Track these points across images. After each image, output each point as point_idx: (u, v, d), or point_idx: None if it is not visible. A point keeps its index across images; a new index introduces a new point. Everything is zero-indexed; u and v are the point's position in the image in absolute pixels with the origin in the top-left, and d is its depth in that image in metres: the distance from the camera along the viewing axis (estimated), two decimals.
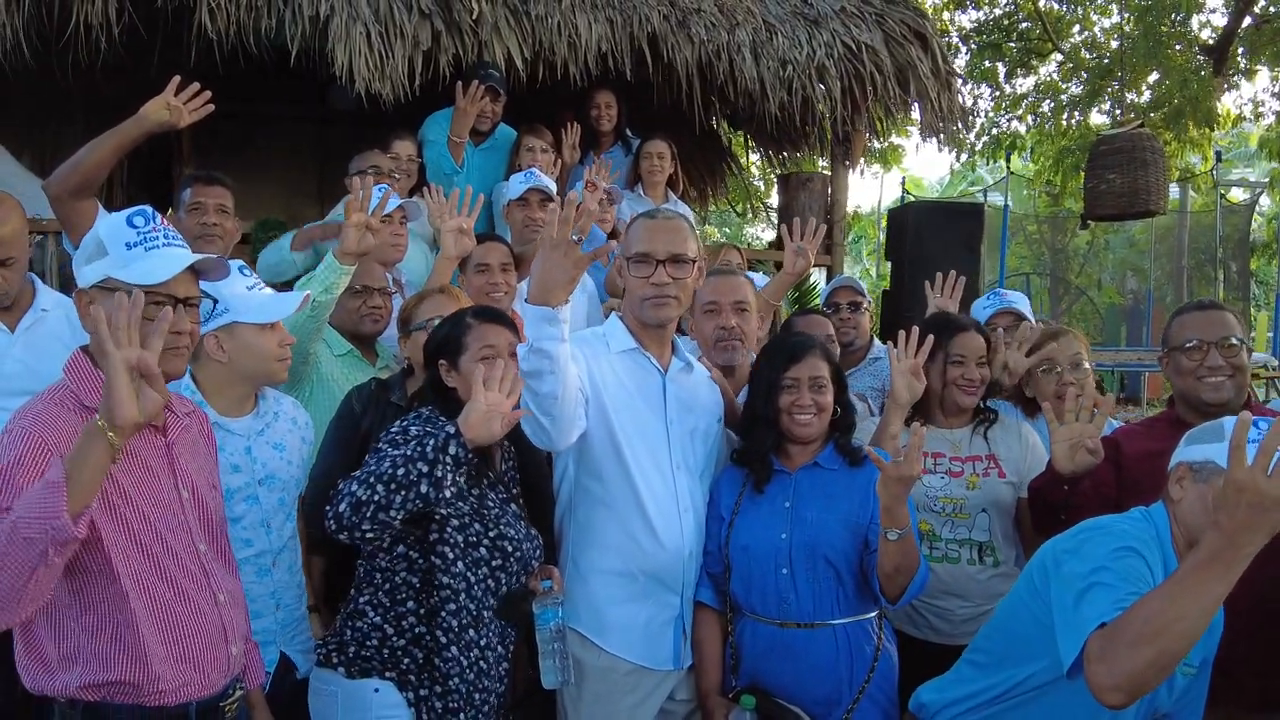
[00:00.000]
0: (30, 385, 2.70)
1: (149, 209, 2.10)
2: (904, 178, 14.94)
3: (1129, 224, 14.56)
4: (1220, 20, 12.71)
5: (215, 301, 2.48)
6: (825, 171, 7.57)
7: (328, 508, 2.28)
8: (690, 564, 2.66)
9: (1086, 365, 3.32)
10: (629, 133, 5.94)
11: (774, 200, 16.69)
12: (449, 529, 2.41)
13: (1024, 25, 13.85)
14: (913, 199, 13.18)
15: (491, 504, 2.51)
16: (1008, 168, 14.66)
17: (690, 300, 2.88)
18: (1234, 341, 2.72)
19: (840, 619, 2.57)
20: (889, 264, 6.71)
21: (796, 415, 2.63)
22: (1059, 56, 13.44)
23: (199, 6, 4.58)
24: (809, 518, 2.62)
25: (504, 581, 2.50)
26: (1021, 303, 4.17)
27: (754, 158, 10.23)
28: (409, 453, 2.26)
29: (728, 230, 19.96)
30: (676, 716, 2.65)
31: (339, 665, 2.34)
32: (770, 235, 19.73)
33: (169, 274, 1.98)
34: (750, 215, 16.58)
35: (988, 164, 17.63)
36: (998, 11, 14.13)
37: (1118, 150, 7.03)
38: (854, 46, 6.22)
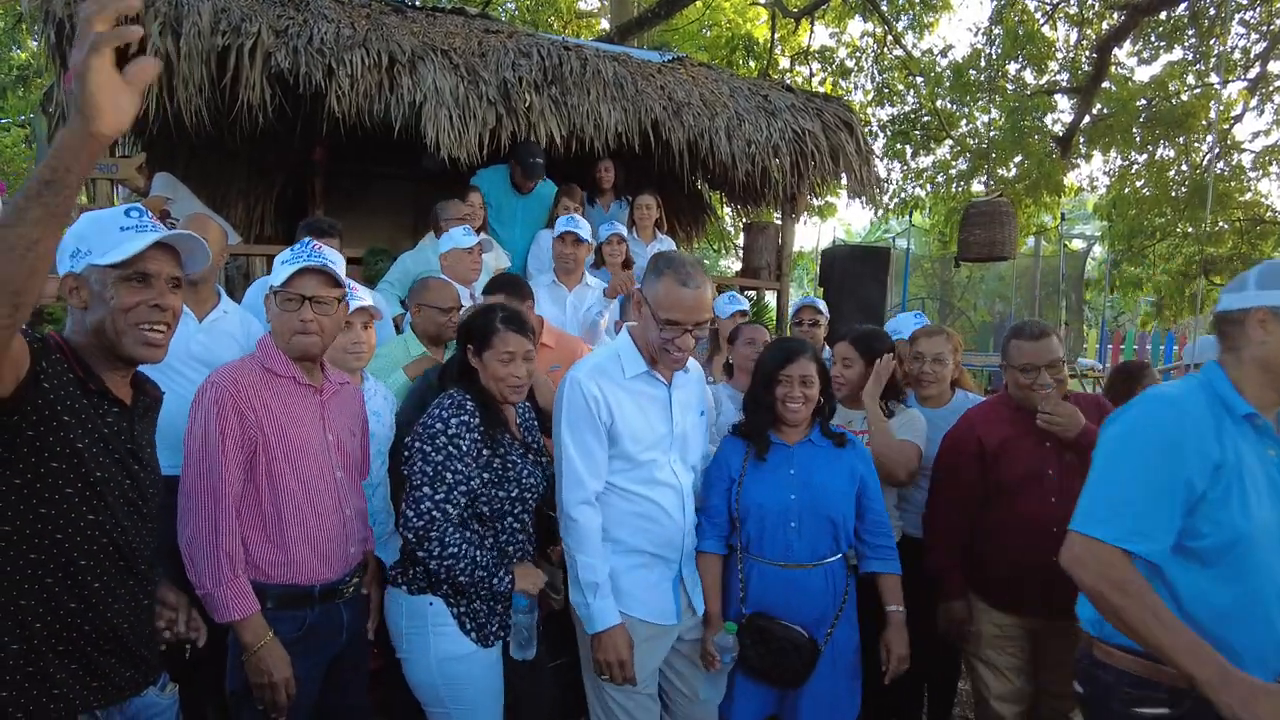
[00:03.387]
0: (207, 359, 2.78)
1: (307, 240, 2.19)
2: (836, 226, 15.02)
3: (997, 263, 14.62)
4: (1068, 118, 12.75)
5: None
6: (778, 221, 7.63)
7: (407, 513, 2.16)
8: (689, 536, 2.43)
9: (948, 357, 3.22)
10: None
11: (740, 240, 16.83)
12: (480, 502, 2.24)
13: (925, 119, 13.85)
14: (841, 243, 13.31)
15: (516, 460, 2.31)
16: (910, 222, 14.68)
17: None
18: (1057, 362, 2.68)
19: (828, 559, 2.48)
20: (822, 290, 6.78)
21: (789, 404, 2.49)
22: (950, 142, 13.45)
23: (329, 94, 4.63)
24: (814, 482, 2.48)
25: (526, 519, 2.36)
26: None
27: (726, 210, 10.34)
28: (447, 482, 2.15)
29: (706, 262, 19.97)
30: (681, 654, 2.46)
31: (402, 584, 2.25)
32: (737, 266, 19.87)
33: (296, 266, 2.09)
34: (723, 252, 16.68)
35: (898, 218, 17.63)
36: (906, 108, 14.16)
37: (982, 213, 7.09)
38: (800, 132, 6.27)
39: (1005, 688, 2.76)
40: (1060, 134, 11.94)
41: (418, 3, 6.39)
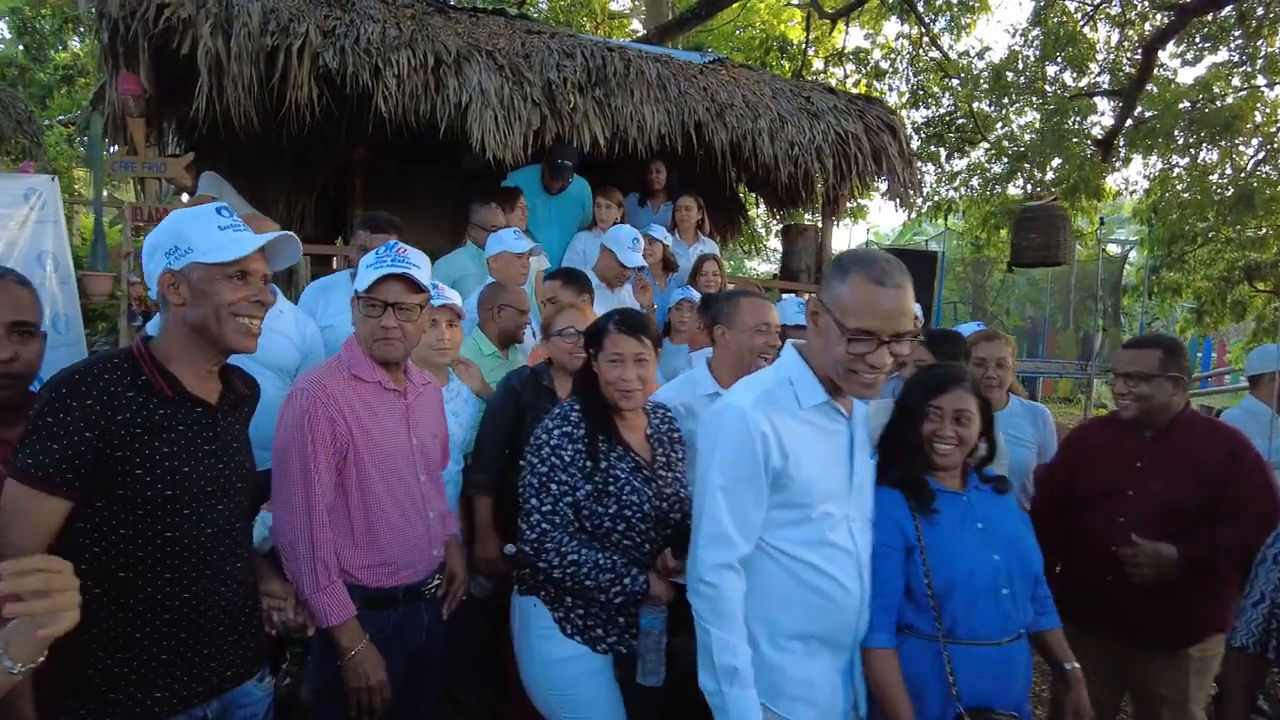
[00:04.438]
0: (263, 360, 2.75)
1: (392, 244, 2.16)
2: (869, 228, 14.86)
3: (1030, 268, 14.43)
4: (1108, 120, 12.50)
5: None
6: (812, 223, 7.54)
7: (521, 526, 2.11)
8: (864, 612, 1.89)
9: (1010, 363, 3.14)
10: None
11: (772, 243, 16.69)
12: (584, 516, 2.10)
13: (960, 121, 13.64)
14: (874, 245, 13.18)
15: (620, 474, 2.12)
16: (945, 225, 14.48)
17: None
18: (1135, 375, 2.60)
19: (1028, 620, 2.04)
20: None
21: (937, 444, 2.04)
22: (985, 145, 13.23)
23: (376, 94, 4.61)
24: (1008, 535, 2.04)
25: (634, 539, 2.12)
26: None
27: (757, 212, 10.24)
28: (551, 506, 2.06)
29: (732, 264, 19.92)
30: None
31: (516, 584, 2.22)
32: (764, 268, 19.73)
33: (364, 284, 2.08)
34: (752, 254, 16.59)
35: (931, 221, 17.42)
36: (941, 111, 13.96)
37: (1036, 217, 6.95)
38: (843, 134, 6.17)
39: None
40: (1100, 137, 11.66)
41: (453, 1, 6.35)
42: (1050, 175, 11.70)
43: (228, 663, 1.67)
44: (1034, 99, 11.85)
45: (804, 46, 13.45)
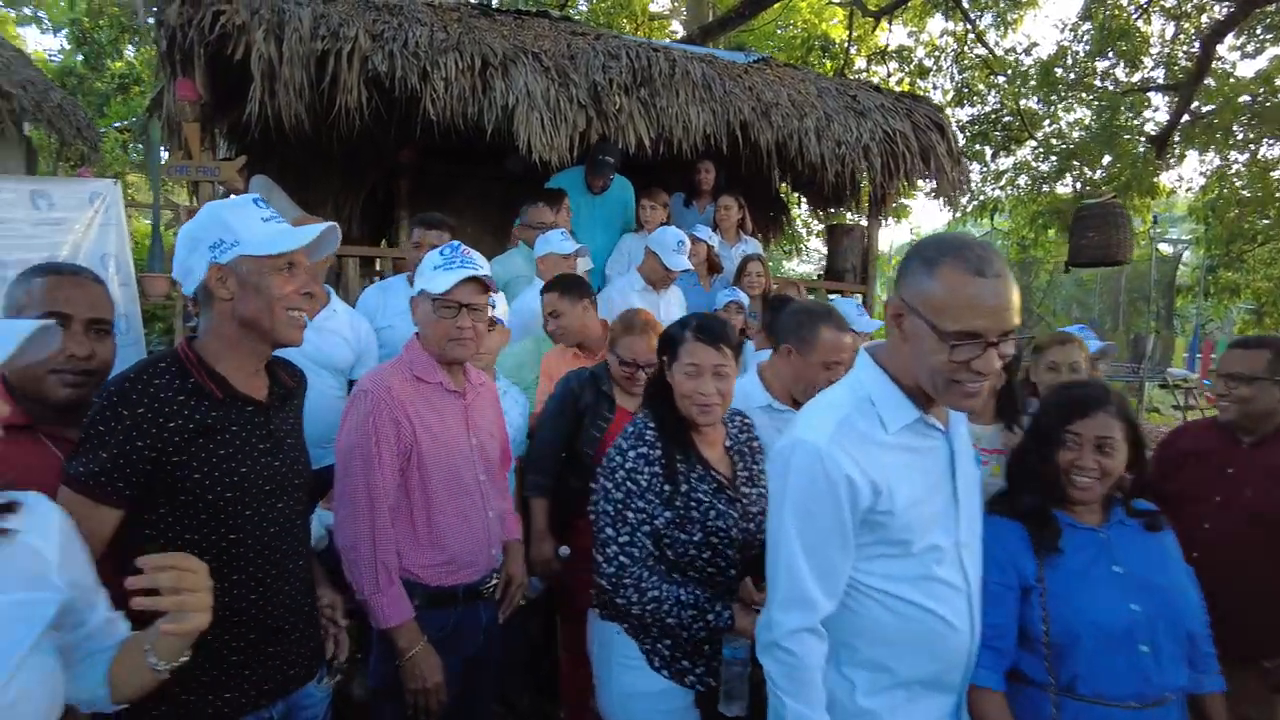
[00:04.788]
0: (317, 359, 2.78)
1: (457, 245, 2.14)
2: (911, 229, 14.64)
3: (1082, 269, 14.08)
4: (1162, 116, 12.14)
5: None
6: (854, 222, 7.44)
7: (597, 558, 1.98)
8: (974, 653, 1.63)
9: (1084, 368, 3.00)
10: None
11: (813, 243, 16.52)
12: (664, 545, 1.96)
13: (1006, 119, 13.36)
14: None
15: (703, 497, 1.96)
16: (991, 225, 14.20)
17: None
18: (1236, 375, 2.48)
19: (1182, 683, 1.75)
20: None
21: (1075, 477, 1.78)
22: (1033, 143, 12.93)
23: (424, 96, 4.64)
24: (1161, 583, 1.75)
25: (720, 566, 1.97)
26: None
27: (798, 212, 10.13)
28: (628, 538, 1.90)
29: (771, 264, 19.76)
30: None
31: (596, 605, 2.10)
32: (803, 269, 19.54)
33: (447, 285, 2.04)
34: (792, 254, 16.44)
35: (976, 221, 17.10)
36: (986, 108, 13.68)
37: (1095, 215, 6.75)
38: (890, 132, 6.07)
39: None
40: (1154, 133, 11.32)
41: (494, 3, 6.38)
42: (1100, 173, 11.41)
43: (292, 661, 1.67)
44: (1084, 95, 11.53)
45: (846, 45, 13.28)
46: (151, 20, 4.71)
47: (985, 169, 13.92)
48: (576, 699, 2.91)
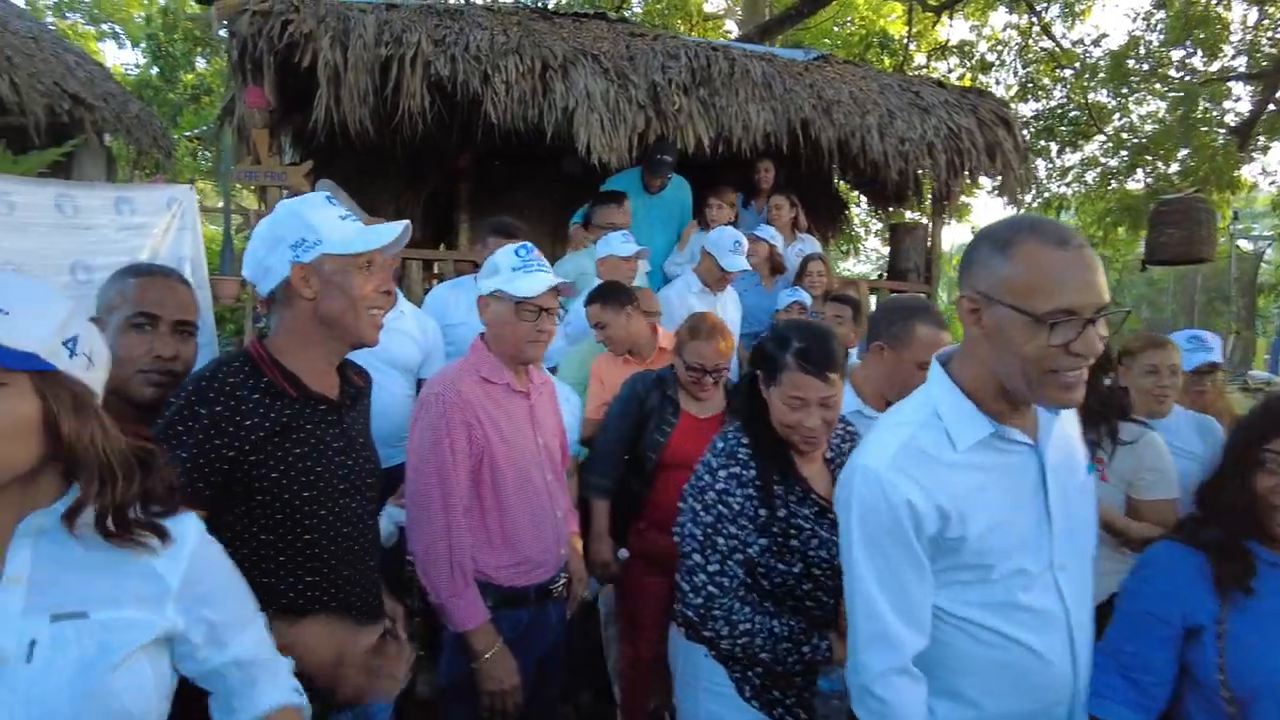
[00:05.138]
0: (386, 358, 2.80)
1: (529, 245, 2.15)
2: (972, 228, 14.27)
3: (1156, 268, 13.56)
4: (1244, 106, 11.59)
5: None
6: (913, 221, 7.27)
7: (683, 586, 1.85)
8: (1081, 691, 1.42)
9: (1180, 371, 2.88)
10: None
11: (869, 242, 16.24)
12: (759, 574, 1.81)
13: (1073, 113, 12.93)
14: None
15: (803, 524, 1.79)
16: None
17: None
18: None
19: None
20: None
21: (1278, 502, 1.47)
22: (1102, 137, 12.49)
23: (485, 100, 4.68)
24: None
25: (820, 598, 1.81)
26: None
27: (855, 211, 9.95)
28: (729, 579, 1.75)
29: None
30: None
31: (682, 625, 1.96)
32: (860, 269, 19.21)
33: (535, 291, 2.05)
34: (849, 254, 16.19)
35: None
36: (1052, 103, 13.27)
37: (1175, 210, 6.45)
38: (955, 129, 5.91)
39: None
40: (1234, 125, 10.81)
41: (550, 5, 6.39)
42: (1176, 167, 10.95)
43: None
44: (1158, 86, 11.08)
45: (905, 41, 13.02)
46: (223, 32, 4.84)
47: (1051, 165, 13.51)
48: (633, 700, 2.90)
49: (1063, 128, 12.94)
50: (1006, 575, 1.36)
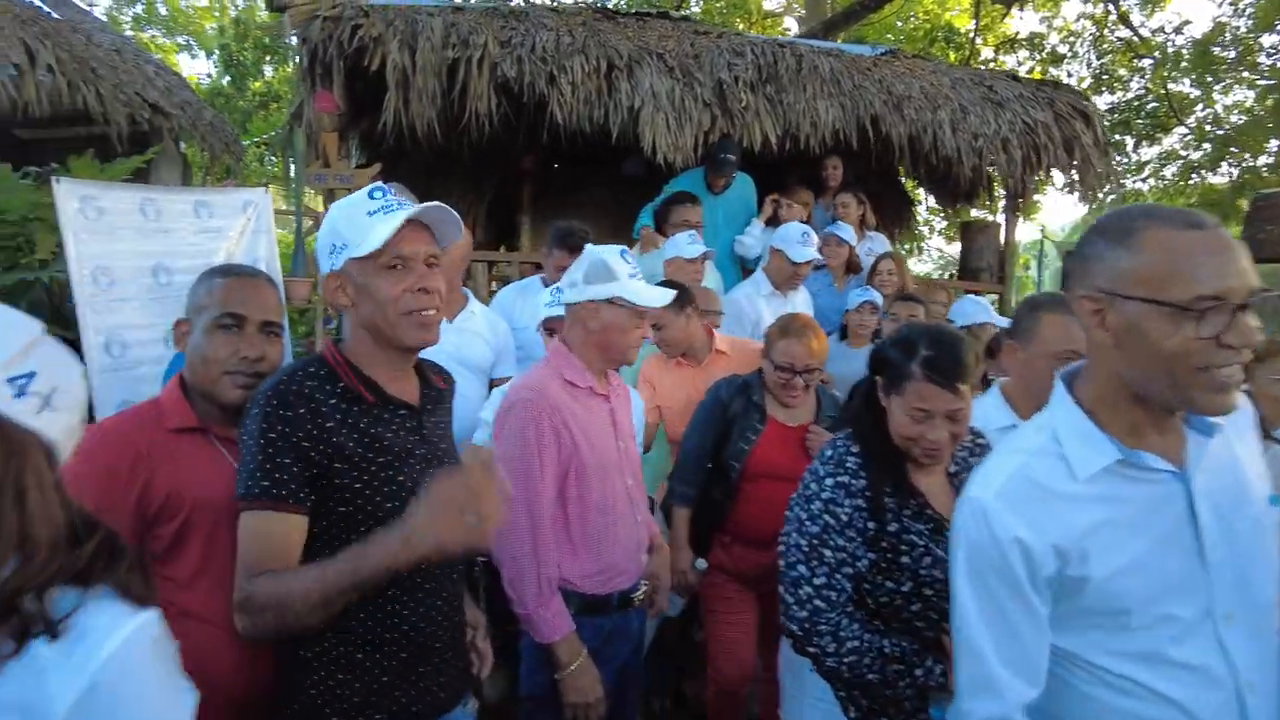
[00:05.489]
0: (460, 360, 2.79)
1: (626, 249, 2.08)
2: (1041, 227, 13.83)
3: None
4: None
5: None
6: (979, 219, 7.05)
7: (787, 599, 1.75)
8: None
9: None
10: None
11: (933, 241, 15.83)
12: (865, 591, 1.70)
13: (1151, 105, 12.40)
14: (1047, 241, 12.27)
15: (916, 540, 1.66)
16: None
17: None
18: None
19: None
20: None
21: None
22: (1183, 129, 11.94)
23: (551, 101, 4.68)
24: None
25: (932, 619, 1.67)
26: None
27: (919, 209, 9.69)
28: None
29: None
30: None
31: (789, 637, 1.84)
32: (921, 268, 18.72)
33: (662, 302, 2.03)
34: (913, 252, 15.82)
35: None
36: (1128, 95, 12.75)
37: (1276, 205, 6.11)
38: (1031, 123, 5.70)
39: None
40: None
41: (611, 5, 6.36)
42: (1266, 160, 10.41)
43: (442, 684, 1.57)
44: (1246, 75, 10.54)
45: (971, 35, 12.65)
46: (294, 38, 4.94)
47: (1126, 160, 12.98)
48: (715, 713, 2.82)
49: (1139, 120, 12.43)
50: (1150, 624, 1.16)
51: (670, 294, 2.05)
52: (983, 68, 11.17)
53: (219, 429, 1.64)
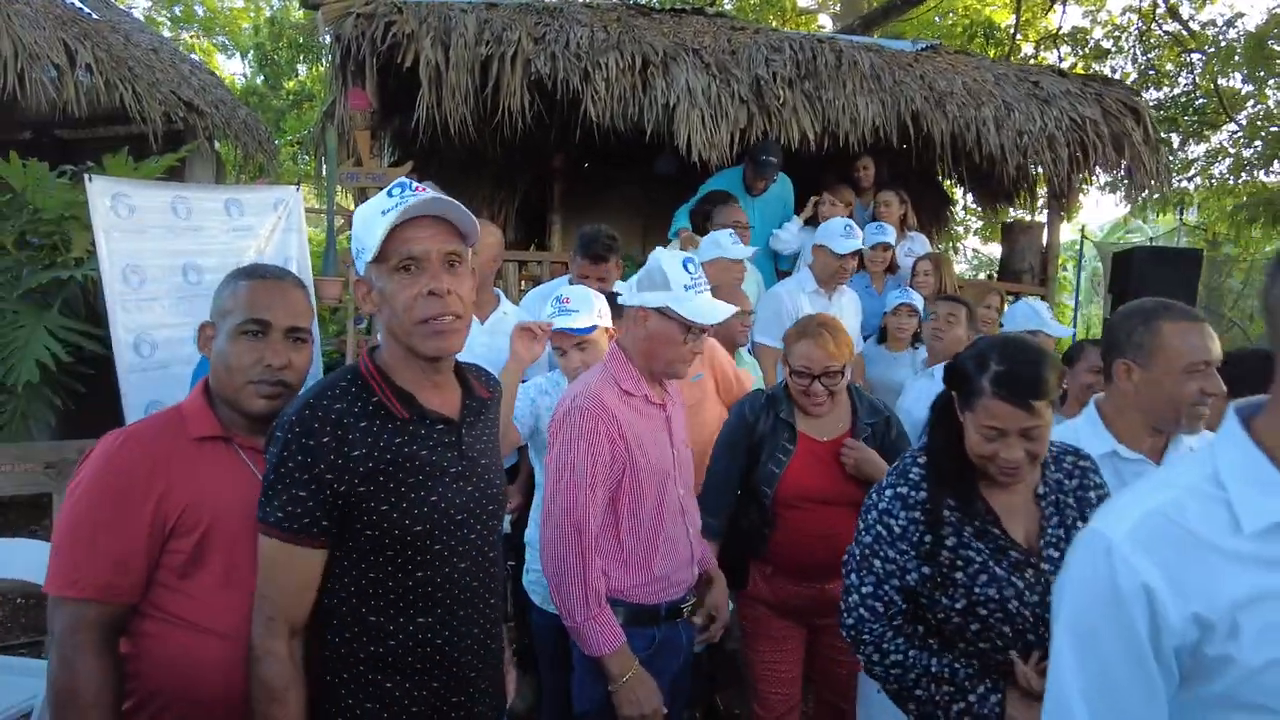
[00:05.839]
0: (492, 363, 2.71)
1: (694, 259, 1.98)
2: (1081, 227, 13.44)
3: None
4: None
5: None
6: (1027, 220, 6.84)
7: (843, 615, 1.71)
8: None
9: None
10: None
11: (969, 241, 15.53)
12: (923, 606, 1.62)
13: (1200, 101, 12.00)
14: (1086, 241, 11.93)
15: (974, 556, 1.57)
16: (1180, 220, 12.83)
17: None
18: None
19: None
20: (1110, 297, 5.93)
21: None
22: (1234, 127, 11.54)
23: (585, 97, 4.60)
24: None
25: (993, 641, 1.57)
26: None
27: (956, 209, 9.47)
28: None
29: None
30: None
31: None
32: (957, 269, 18.37)
33: (718, 319, 1.92)
34: (952, 252, 15.51)
35: (1155, 216, 15.54)
36: (1176, 91, 12.36)
37: None
38: (1079, 120, 5.50)
39: None
40: None
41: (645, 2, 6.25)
42: None
43: (477, 714, 1.49)
44: None
45: (1012, 31, 12.35)
46: (327, 36, 4.91)
47: (1172, 158, 12.60)
48: None
49: (1186, 118, 12.04)
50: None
51: (730, 310, 1.92)
52: (1030, 64, 10.91)
53: (243, 438, 1.56)
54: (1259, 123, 10.91)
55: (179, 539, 1.43)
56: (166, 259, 3.26)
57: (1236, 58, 10.57)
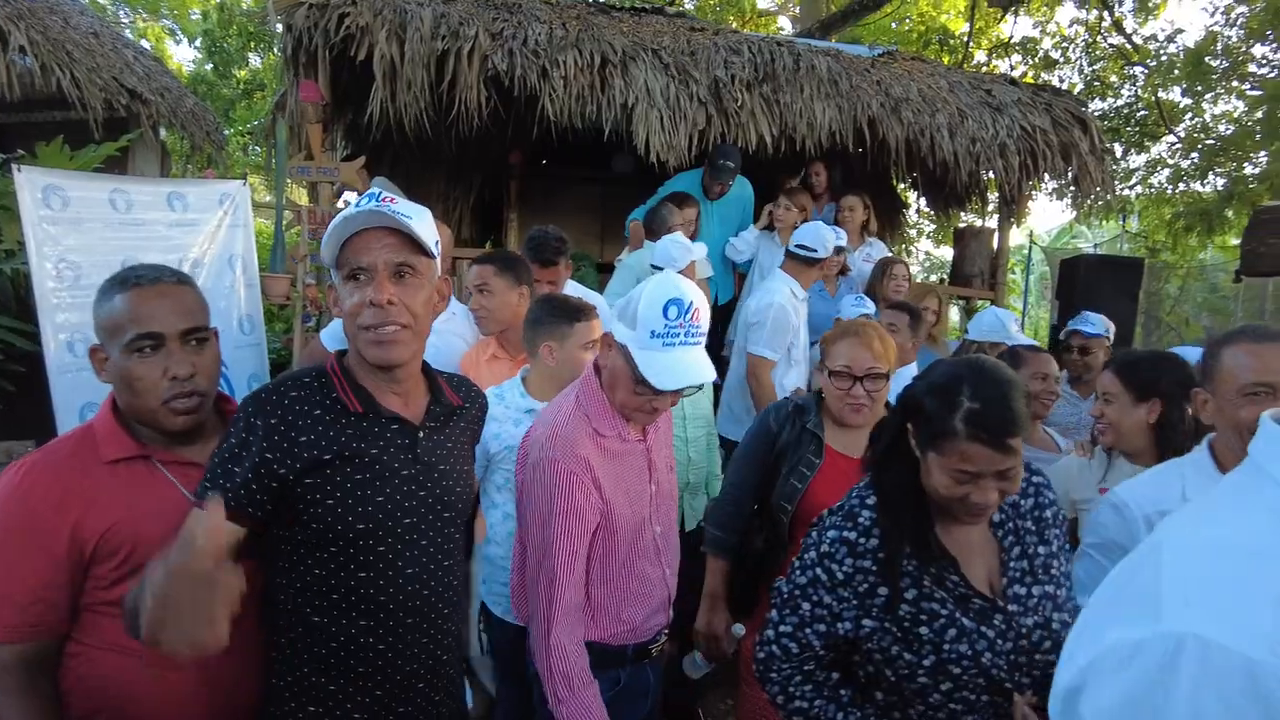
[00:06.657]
0: (438, 362, 2.64)
1: (685, 302, 1.66)
2: (1030, 231, 13.79)
3: (1213, 273, 13.07)
4: None
5: None
6: (977, 224, 6.98)
7: (755, 647, 1.60)
8: None
9: None
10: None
11: (922, 244, 15.79)
12: (873, 660, 1.46)
13: (1140, 113, 12.38)
14: (1034, 246, 12.23)
15: (938, 609, 1.40)
16: (1123, 227, 13.23)
17: None
18: None
19: None
20: (1056, 302, 6.06)
21: None
22: (1172, 138, 11.93)
23: (543, 95, 4.54)
24: None
25: (965, 699, 1.40)
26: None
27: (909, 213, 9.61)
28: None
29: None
30: None
31: None
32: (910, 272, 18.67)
33: (676, 385, 1.64)
34: (906, 256, 15.77)
35: (1101, 222, 15.98)
36: (1119, 102, 12.73)
37: (1276, 219, 6.05)
38: (1029, 129, 5.61)
39: None
40: None
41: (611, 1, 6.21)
42: (1254, 170, 10.40)
43: None
44: (1236, 84, 10.53)
45: (965, 39, 12.59)
46: (279, 26, 4.76)
47: (1115, 166, 12.97)
48: None
49: (1129, 128, 12.40)
50: None
51: (692, 379, 1.64)
52: (981, 71, 11.11)
53: (164, 454, 1.46)
54: (1196, 135, 11.29)
55: (101, 565, 1.36)
56: (104, 254, 3.10)
57: (1176, 72, 10.92)
